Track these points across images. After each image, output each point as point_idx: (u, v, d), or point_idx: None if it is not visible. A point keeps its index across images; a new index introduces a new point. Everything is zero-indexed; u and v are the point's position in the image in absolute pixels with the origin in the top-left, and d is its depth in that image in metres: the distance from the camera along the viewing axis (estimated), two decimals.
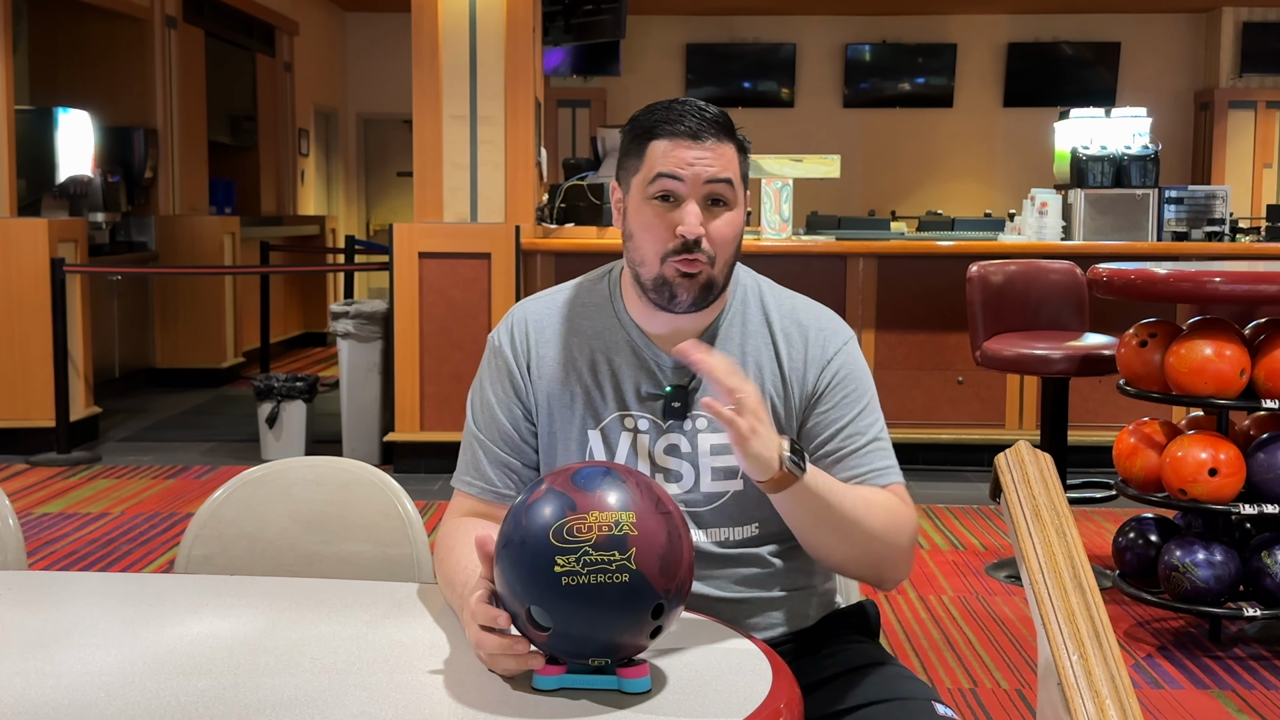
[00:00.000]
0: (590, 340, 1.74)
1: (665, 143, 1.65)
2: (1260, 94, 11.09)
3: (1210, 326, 3.61)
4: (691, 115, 1.66)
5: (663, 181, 1.65)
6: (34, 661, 1.44)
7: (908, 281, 6.04)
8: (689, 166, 1.64)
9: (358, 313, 6.11)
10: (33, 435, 6.21)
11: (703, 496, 1.70)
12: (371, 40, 11.93)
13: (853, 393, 1.73)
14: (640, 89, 11.40)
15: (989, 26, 11.62)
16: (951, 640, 3.82)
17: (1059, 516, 1.80)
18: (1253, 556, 3.63)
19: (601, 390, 1.72)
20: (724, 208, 1.66)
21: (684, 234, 1.63)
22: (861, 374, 1.76)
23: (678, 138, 1.65)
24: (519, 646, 1.33)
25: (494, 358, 1.77)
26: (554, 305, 1.78)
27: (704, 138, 1.65)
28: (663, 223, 1.65)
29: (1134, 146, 6.35)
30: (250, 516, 2.00)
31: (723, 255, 1.67)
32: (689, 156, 1.64)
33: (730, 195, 1.66)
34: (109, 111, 8.25)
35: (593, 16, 6.96)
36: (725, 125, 1.67)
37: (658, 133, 1.66)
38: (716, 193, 1.65)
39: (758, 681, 1.36)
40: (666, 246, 1.65)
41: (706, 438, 1.70)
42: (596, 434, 1.72)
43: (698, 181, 1.64)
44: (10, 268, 6.23)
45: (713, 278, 1.67)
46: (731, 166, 1.67)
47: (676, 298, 1.67)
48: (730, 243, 1.68)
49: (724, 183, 1.65)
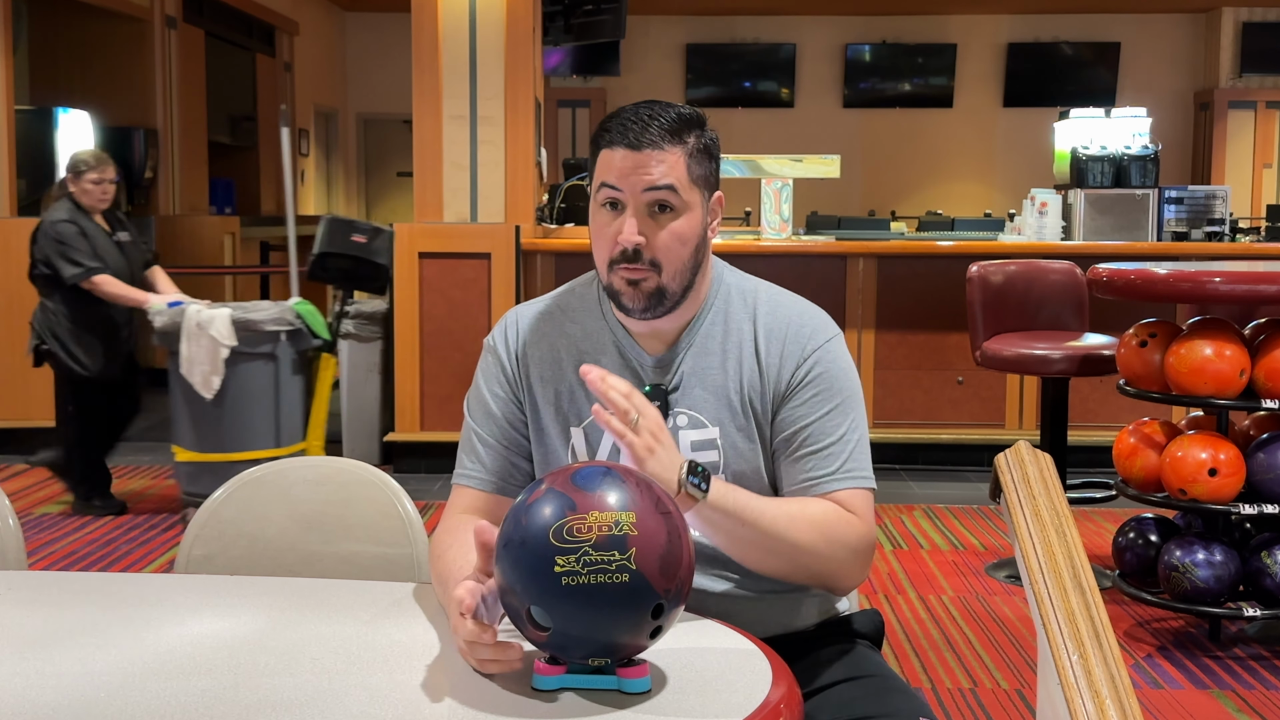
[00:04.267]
0: (578, 341, 1.77)
1: (608, 151, 1.67)
2: (1260, 94, 11.09)
3: (1210, 326, 3.61)
4: (637, 122, 1.66)
5: (605, 191, 1.67)
6: (34, 661, 1.44)
7: (908, 281, 6.04)
8: (626, 177, 1.65)
9: (358, 313, 6.11)
10: (33, 435, 6.21)
11: None
12: (371, 40, 11.92)
13: (824, 391, 1.72)
14: (640, 89, 11.40)
15: (989, 26, 11.62)
16: (951, 640, 3.82)
17: (1059, 516, 1.80)
18: (1252, 556, 3.63)
19: (585, 388, 1.73)
20: (670, 214, 1.66)
21: (620, 243, 1.66)
22: (839, 374, 1.74)
23: (618, 146, 1.66)
24: (486, 636, 1.34)
25: (488, 355, 1.82)
26: (545, 308, 1.82)
27: (644, 146, 1.65)
28: (609, 230, 1.68)
29: (1134, 146, 6.35)
30: (250, 516, 2.00)
31: (671, 262, 1.67)
32: (627, 165, 1.65)
33: (675, 201, 1.66)
34: (109, 111, 8.25)
35: (593, 16, 6.96)
36: (673, 129, 1.66)
37: (603, 141, 1.68)
38: (658, 199, 1.66)
39: (758, 681, 1.36)
40: (610, 255, 1.68)
41: (687, 434, 1.72)
42: (579, 432, 1.75)
43: (635, 191, 1.65)
44: (10, 268, 6.22)
45: (661, 285, 1.68)
46: (675, 172, 1.66)
47: (626, 306, 1.69)
48: (678, 249, 1.67)
49: (665, 189, 1.65)
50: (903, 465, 6.02)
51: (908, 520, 5.21)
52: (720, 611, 1.64)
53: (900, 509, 5.36)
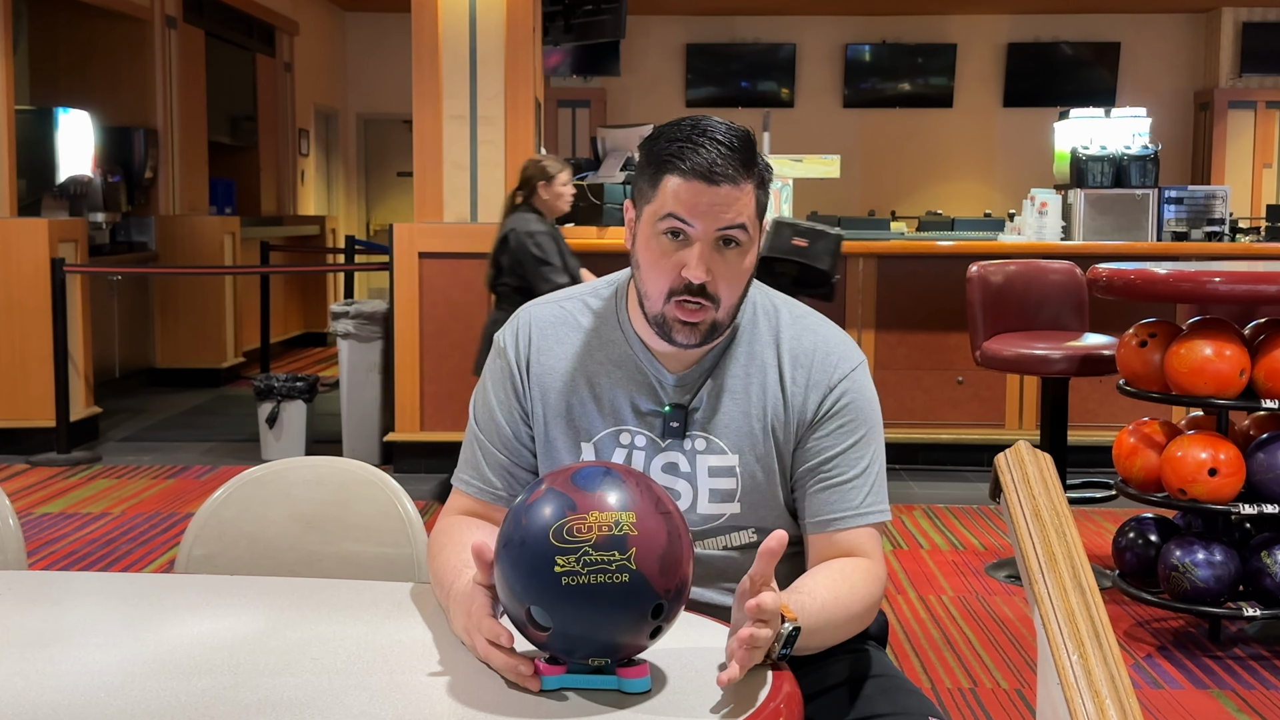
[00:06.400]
0: (593, 351, 1.71)
1: (679, 180, 1.57)
2: (1260, 94, 11.09)
3: (1210, 326, 3.61)
4: (709, 151, 1.56)
5: (672, 221, 1.58)
6: (34, 661, 1.44)
7: (908, 281, 6.04)
8: (701, 214, 1.57)
9: (358, 313, 6.11)
10: (33, 435, 6.21)
11: (699, 518, 1.68)
12: (371, 40, 11.92)
13: (850, 423, 1.67)
14: (640, 89, 11.41)
15: (989, 26, 11.62)
16: (951, 640, 3.82)
17: (1059, 516, 1.80)
18: (1252, 556, 3.64)
19: (599, 403, 1.69)
20: (736, 249, 1.60)
21: (688, 278, 1.58)
22: (864, 403, 1.69)
23: (693, 178, 1.56)
24: (523, 668, 1.32)
25: (497, 358, 1.75)
26: (560, 311, 1.75)
27: (719, 180, 1.56)
28: (669, 261, 1.59)
29: (1134, 146, 6.36)
30: (250, 516, 2.00)
31: (729, 297, 1.61)
32: (703, 202, 1.56)
33: (743, 238, 1.59)
34: (109, 111, 8.25)
35: (593, 16, 6.96)
36: (745, 160, 1.58)
37: (672, 167, 1.57)
38: (729, 236, 1.59)
39: (758, 681, 1.36)
40: (670, 285, 1.59)
41: (705, 459, 1.67)
42: (589, 447, 1.69)
43: (709, 229, 1.57)
44: (10, 268, 6.23)
45: (716, 321, 1.62)
46: (747, 210, 1.59)
47: (677, 341, 1.63)
48: (738, 282, 1.62)
49: (738, 228, 1.58)
50: (903, 465, 6.02)
51: (908, 520, 5.21)
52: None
53: (900, 509, 5.36)
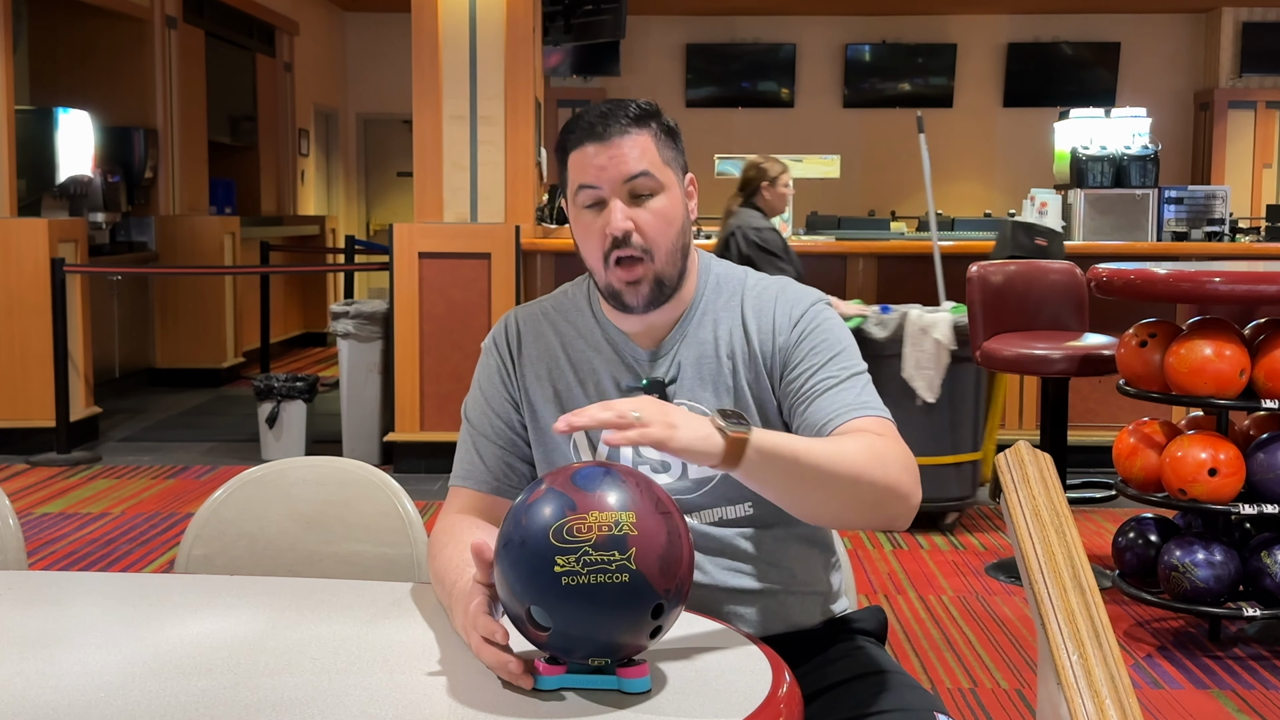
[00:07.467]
0: (573, 340, 1.78)
1: (578, 153, 1.68)
2: (1260, 94, 11.09)
3: (1210, 326, 3.61)
4: (595, 116, 1.67)
5: (585, 192, 1.68)
6: (34, 661, 1.44)
7: (908, 281, 6.04)
8: (603, 170, 1.66)
9: (358, 313, 6.11)
10: (33, 435, 6.21)
11: (692, 483, 1.71)
12: (371, 40, 11.93)
13: (823, 343, 1.71)
14: (640, 89, 11.40)
15: (989, 26, 11.62)
16: (951, 640, 3.82)
17: (1059, 516, 1.80)
18: (1252, 556, 3.63)
19: (584, 386, 1.76)
20: (651, 197, 1.67)
21: (610, 232, 1.66)
22: (832, 328, 1.73)
23: (586, 143, 1.67)
24: (513, 666, 1.33)
25: (485, 357, 1.83)
26: (541, 309, 1.83)
27: (610, 136, 1.66)
28: (595, 228, 1.68)
29: (1134, 146, 6.36)
30: (250, 516, 2.00)
31: (660, 245, 1.68)
32: (601, 160, 1.66)
33: (653, 183, 1.67)
34: (109, 111, 8.25)
35: (593, 16, 6.96)
36: (635, 116, 1.68)
37: (570, 145, 1.69)
38: (637, 187, 1.67)
39: (758, 681, 1.36)
40: (603, 249, 1.67)
41: None
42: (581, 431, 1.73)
43: (615, 182, 1.66)
44: (10, 268, 6.23)
45: (658, 274, 1.68)
46: (648, 155, 1.67)
47: (628, 305, 1.70)
48: (664, 229, 1.68)
49: (642, 175, 1.66)
50: None
51: None
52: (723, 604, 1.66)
53: None
